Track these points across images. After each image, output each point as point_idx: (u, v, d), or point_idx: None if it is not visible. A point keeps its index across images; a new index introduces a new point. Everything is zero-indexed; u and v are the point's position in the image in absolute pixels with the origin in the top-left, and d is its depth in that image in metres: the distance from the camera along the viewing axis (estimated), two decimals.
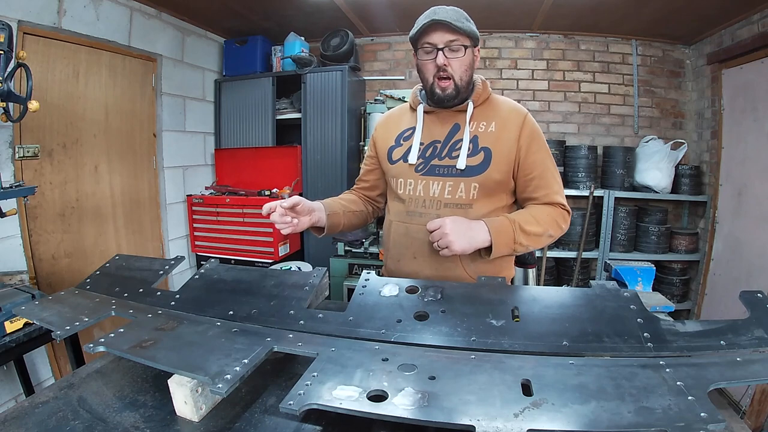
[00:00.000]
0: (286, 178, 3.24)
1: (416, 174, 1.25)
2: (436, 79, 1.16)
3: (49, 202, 2.21)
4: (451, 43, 1.13)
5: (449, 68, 1.14)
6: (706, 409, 0.59)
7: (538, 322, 0.86)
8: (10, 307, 1.41)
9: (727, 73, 2.84)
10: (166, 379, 0.74)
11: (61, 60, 2.22)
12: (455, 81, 1.16)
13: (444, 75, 1.15)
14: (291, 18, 3.09)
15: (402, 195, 1.28)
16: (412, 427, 0.61)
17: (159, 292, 1.04)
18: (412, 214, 1.26)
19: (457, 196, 1.21)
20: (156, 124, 2.89)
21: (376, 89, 3.54)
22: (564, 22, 3.09)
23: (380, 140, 1.37)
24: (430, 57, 1.16)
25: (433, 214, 1.22)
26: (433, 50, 1.14)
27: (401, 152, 1.29)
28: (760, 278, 2.48)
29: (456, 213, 1.20)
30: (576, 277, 3.13)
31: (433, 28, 1.12)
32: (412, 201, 1.26)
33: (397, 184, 1.29)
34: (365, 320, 0.89)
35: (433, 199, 1.23)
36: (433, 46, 1.14)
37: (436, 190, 1.23)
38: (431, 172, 1.24)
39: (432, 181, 1.23)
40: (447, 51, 1.13)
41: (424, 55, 1.17)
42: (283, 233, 1.16)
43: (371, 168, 1.43)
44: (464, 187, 1.21)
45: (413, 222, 1.25)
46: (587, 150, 3.07)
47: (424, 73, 1.19)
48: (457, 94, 1.19)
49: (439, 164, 1.23)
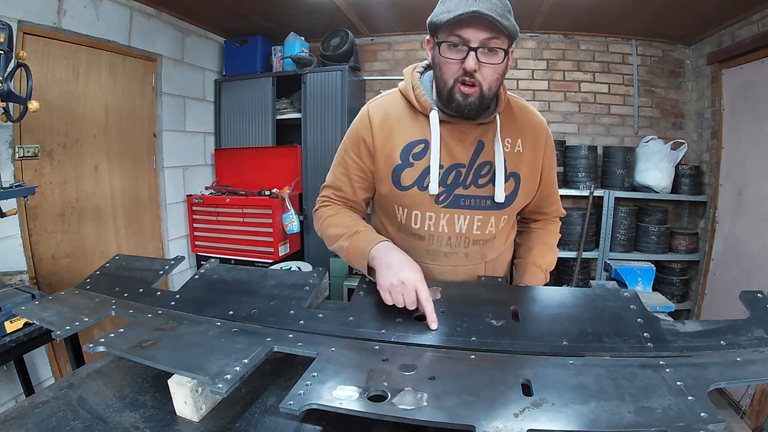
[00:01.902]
0: (286, 178, 3.24)
1: (437, 206, 1.03)
2: (458, 83, 0.92)
3: (49, 202, 2.21)
4: (489, 42, 0.87)
5: (479, 74, 0.89)
6: (706, 409, 0.59)
7: (538, 322, 0.86)
8: (10, 307, 1.41)
9: (727, 73, 2.84)
10: (166, 379, 0.74)
11: (61, 60, 2.22)
12: (482, 90, 0.91)
13: (470, 81, 0.90)
14: (291, 18, 3.09)
15: (419, 231, 1.06)
16: (412, 427, 0.61)
17: (159, 292, 1.04)
18: (434, 254, 1.07)
19: (486, 231, 1.06)
20: (156, 124, 2.89)
21: (376, 89, 3.54)
22: (564, 22, 3.09)
23: (381, 152, 1.04)
24: (457, 56, 0.89)
25: (461, 253, 1.07)
26: (463, 48, 0.88)
27: (413, 176, 1.02)
28: (760, 278, 2.47)
29: (483, 249, 1.09)
30: (576, 277, 3.12)
31: (470, 20, 0.84)
32: (434, 239, 1.06)
33: (410, 216, 1.06)
34: (365, 320, 0.89)
35: (459, 236, 1.06)
36: (464, 42, 0.87)
37: (462, 225, 1.04)
38: (455, 204, 1.03)
39: (457, 215, 1.04)
40: (481, 53, 0.88)
41: (448, 51, 0.90)
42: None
43: (361, 185, 1.11)
44: (494, 221, 1.06)
45: (438, 263, 1.08)
46: (587, 150, 3.07)
47: (443, 73, 0.93)
48: (480, 105, 0.94)
49: (465, 194, 1.03)
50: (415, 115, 1.04)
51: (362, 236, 1.01)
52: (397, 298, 0.86)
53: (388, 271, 0.89)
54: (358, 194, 1.13)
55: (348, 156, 1.10)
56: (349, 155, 1.10)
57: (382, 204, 1.13)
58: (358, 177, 1.10)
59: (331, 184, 1.15)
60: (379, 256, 0.94)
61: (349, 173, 1.10)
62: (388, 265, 0.91)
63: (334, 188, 1.14)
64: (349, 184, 1.11)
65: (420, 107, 1.02)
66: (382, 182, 1.07)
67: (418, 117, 1.03)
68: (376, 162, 1.06)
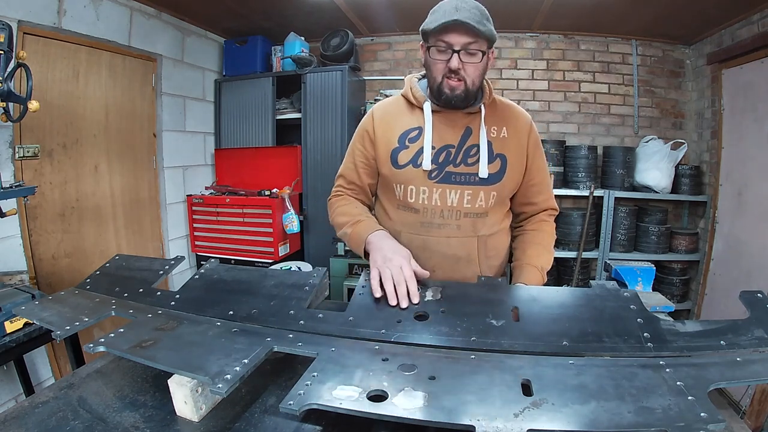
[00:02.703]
0: (286, 178, 3.24)
1: (430, 181, 1.16)
2: (446, 79, 1.08)
3: (49, 202, 2.21)
4: (469, 46, 1.04)
5: (462, 71, 1.06)
6: (706, 409, 0.59)
7: (538, 322, 0.86)
8: (10, 307, 1.41)
9: (727, 73, 2.84)
10: (166, 379, 0.74)
11: (61, 60, 2.22)
12: (467, 84, 1.09)
13: (455, 77, 1.08)
14: (291, 18, 3.09)
15: (414, 204, 1.19)
16: (412, 427, 0.61)
17: (159, 292, 1.04)
18: (429, 226, 1.19)
19: (476, 205, 1.17)
20: (156, 124, 2.89)
21: (376, 89, 3.54)
22: (564, 22, 3.09)
23: (381, 139, 1.22)
24: (443, 57, 1.07)
25: (453, 224, 1.18)
26: (448, 51, 1.05)
27: (408, 156, 1.18)
28: (760, 278, 2.47)
29: (475, 222, 1.18)
30: (576, 277, 3.12)
31: (452, 27, 1.02)
32: (428, 211, 1.18)
33: (406, 191, 1.19)
34: (365, 320, 0.89)
35: (451, 209, 1.17)
36: (448, 46, 1.04)
37: (454, 199, 1.16)
38: (447, 179, 1.16)
39: (449, 190, 1.16)
40: (463, 54, 1.04)
41: (436, 54, 1.08)
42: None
43: (366, 170, 1.28)
44: (483, 195, 1.17)
45: (431, 234, 1.19)
46: (587, 150, 3.07)
47: (433, 72, 1.11)
48: (465, 97, 1.11)
49: (455, 171, 1.16)
50: (411, 109, 1.22)
51: (363, 225, 1.19)
52: (385, 273, 0.97)
53: (379, 252, 1.05)
54: (363, 179, 1.29)
55: (355, 147, 1.29)
56: (356, 146, 1.28)
57: (384, 186, 1.28)
58: (362, 163, 1.27)
59: (342, 173, 1.33)
60: (374, 241, 1.11)
61: (356, 161, 1.28)
62: (380, 248, 1.07)
63: (344, 176, 1.32)
64: (355, 170, 1.29)
65: (416, 101, 1.20)
66: (382, 165, 1.22)
67: (414, 110, 1.21)
68: (377, 148, 1.23)
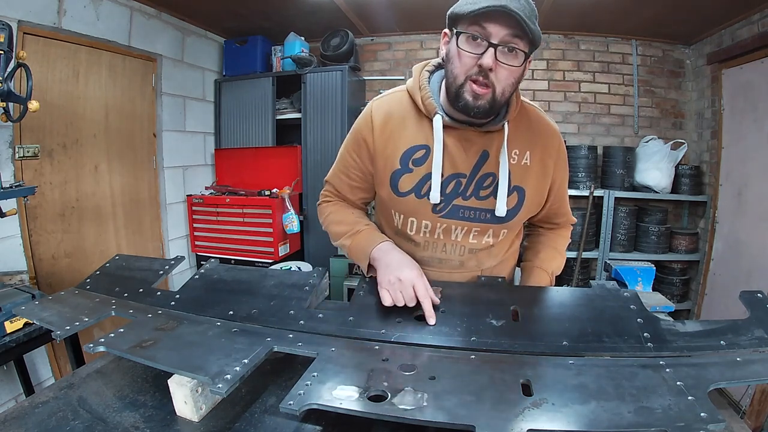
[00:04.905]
0: (286, 178, 3.24)
1: (434, 215, 1.01)
2: (470, 81, 0.86)
3: (49, 202, 2.21)
4: (511, 41, 0.82)
5: (493, 74, 0.84)
6: (706, 409, 0.59)
7: (538, 322, 0.86)
8: (10, 307, 1.41)
9: (727, 73, 2.84)
10: (166, 379, 0.74)
11: (61, 60, 2.22)
12: (495, 93, 0.86)
13: (483, 81, 0.85)
14: (291, 18, 3.09)
15: (414, 237, 1.06)
16: (412, 427, 0.61)
17: (159, 292, 1.04)
18: (428, 260, 1.07)
19: (483, 242, 1.05)
20: (156, 124, 2.89)
21: (376, 89, 3.54)
22: (564, 22, 3.09)
23: (381, 155, 1.01)
24: (475, 50, 0.83)
25: (456, 260, 1.06)
26: (483, 43, 0.82)
27: (411, 182, 0.99)
28: (760, 278, 2.47)
29: (479, 257, 1.07)
30: (576, 277, 3.12)
31: (496, 14, 0.79)
32: (429, 245, 1.05)
33: (405, 222, 1.05)
34: (365, 320, 0.89)
35: (455, 244, 1.04)
36: (485, 36, 0.82)
37: (458, 234, 1.03)
38: (453, 214, 1.00)
39: (454, 225, 1.02)
40: (500, 51, 0.82)
41: (467, 44, 0.84)
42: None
43: (360, 185, 1.10)
44: (493, 232, 1.04)
45: (431, 267, 1.07)
46: (587, 150, 3.07)
47: (456, 66, 0.87)
48: (490, 109, 0.88)
49: (465, 205, 0.99)
50: (419, 117, 0.99)
51: (363, 236, 1.05)
52: (396, 296, 0.88)
53: (387, 270, 0.92)
54: (355, 194, 1.13)
55: (349, 154, 1.09)
56: (350, 153, 1.08)
57: (381, 207, 1.13)
58: (357, 177, 1.09)
59: (331, 181, 1.16)
60: (379, 257, 0.97)
61: (348, 172, 1.10)
62: (387, 264, 0.94)
63: (333, 185, 1.16)
64: (347, 183, 1.11)
65: (425, 110, 0.97)
66: (381, 186, 1.05)
67: (422, 120, 0.99)
68: (375, 164, 1.04)
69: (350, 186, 1.11)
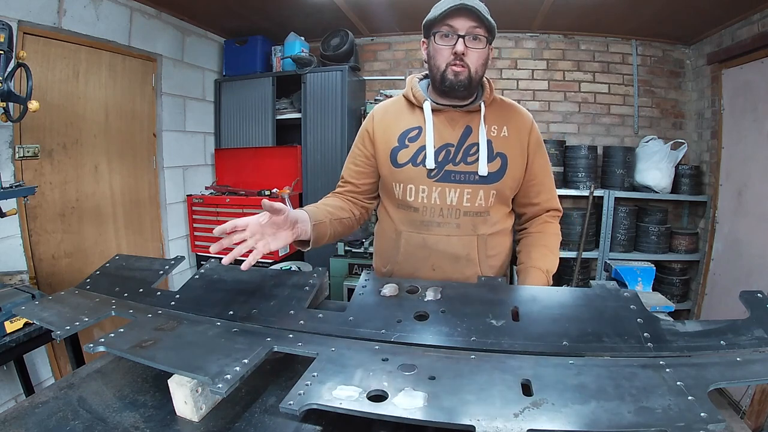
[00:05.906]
0: (286, 178, 3.24)
1: (429, 180, 1.16)
2: (450, 66, 1.09)
3: (49, 202, 2.21)
4: (474, 30, 1.06)
5: (467, 58, 1.08)
6: (706, 409, 0.59)
7: (538, 322, 0.86)
8: (10, 307, 1.41)
9: (727, 73, 2.84)
10: (166, 379, 0.74)
11: (61, 60, 2.22)
12: (470, 71, 1.10)
13: (460, 63, 1.09)
14: (291, 18, 3.09)
15: (413, 203, 1.19)
16: (412, 427, 0.61)
17: (159, 292, 1.04)
18: (428, 224, 1.19)
19: (476, 204, 1.17)
20: (156, 124, 2.89)
21: (376, 89, 3.54)
22: (564, 22, 3.09)
23: (380, 138, 1.23)
24: (447, 43, 1.08)
25: (453, 223, 1.18)
26: (453, 36, 1.07)
27: (408, 155, 1.18)
28: (760, 278, 2.47)
29: (475, 221, 1.18)
30: (576, 277, 3.12)
31: (458, 12, 1.05)
32: (427, 210, 1.18)
33: (405, 190, 1.20)
34: (365, 320, 0.89)
35: (451, 208, 1.17)
36: (453, 31, 1.07)
37: (453, 197, 1.16)
38: (446, 178, 1.16)
39: (448, 188, 1.16)
40: (468, 40, 1.07)
41: (441, 40, 1.09)
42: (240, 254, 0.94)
43: (364, 170, 1.28)
44: (483, 194, 1.17)
45: (431, 232, 1.19)
46: (587, 150, 3.07)
47: (437, 60, 1.12)
48: (469, 84, 1.11)
49: (455, 170, 1.16)
50: (411, 109, 1.23)
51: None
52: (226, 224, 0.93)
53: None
54: (359, 179, 1.28)
55: (356, 146, 1.30)
56: (356, 146, 1.29)
57: (384, 186, 1.28)
58: (362, 162, 1.27)
59: (342, 172, 1.34)
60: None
61: (355, 160, 1.29)
62: None
63: (343, 176, 1.32)
64: (354, 170, 1.29)
65: (416, 100, 1.21)
66: (382, 165, 1.23)
67: (414, 110, 1.22)
68: (376, 148, 1.23)
69: (357, 172, 1.28)
